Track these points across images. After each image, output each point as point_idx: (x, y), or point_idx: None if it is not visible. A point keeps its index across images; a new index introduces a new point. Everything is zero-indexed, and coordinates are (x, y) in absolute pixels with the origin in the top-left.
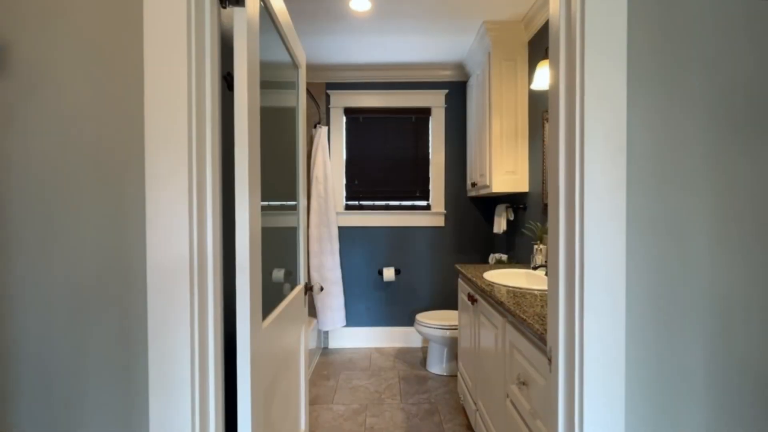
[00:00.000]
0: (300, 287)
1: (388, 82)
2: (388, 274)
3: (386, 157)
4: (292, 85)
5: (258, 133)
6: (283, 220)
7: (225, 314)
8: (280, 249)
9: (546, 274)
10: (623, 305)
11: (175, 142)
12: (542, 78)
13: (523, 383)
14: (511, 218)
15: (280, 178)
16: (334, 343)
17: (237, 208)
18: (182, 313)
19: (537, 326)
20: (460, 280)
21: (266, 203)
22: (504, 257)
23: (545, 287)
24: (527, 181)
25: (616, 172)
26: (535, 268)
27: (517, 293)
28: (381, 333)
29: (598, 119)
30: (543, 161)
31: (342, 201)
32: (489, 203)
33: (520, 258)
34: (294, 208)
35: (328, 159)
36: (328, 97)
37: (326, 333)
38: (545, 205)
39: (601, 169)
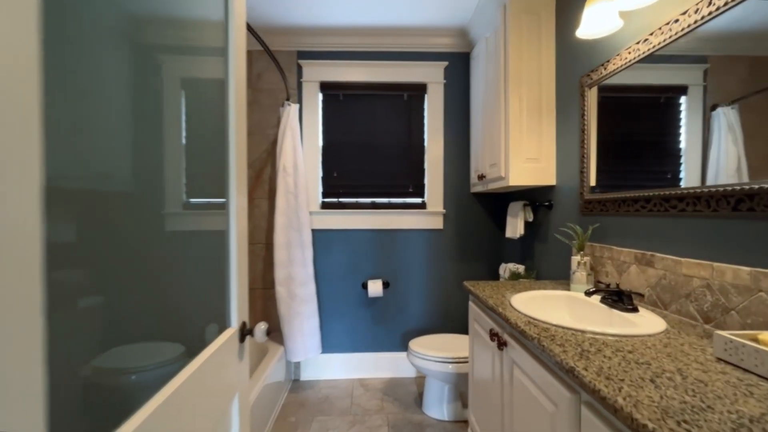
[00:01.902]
0: (230, 332)
1: (374, 51)
2: (375, 287)
3: (372, 143)
4: (219, 51)
5: None
6: (203, 225)
7: None
8: (185, 273)
9: (608, 303)
10: None
11: None
12: (596, 19)
13: None
14: (530, 219)
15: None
16: (307, 374)
17: None
18: None
19: None
20: (472, 304)
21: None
22: (521, 269)
23: (626, 330)
24: (554, 170)
25: None
26: (589, 294)
27: (582, 344)
28: (366, 360)
29: None
30: (582, 144)
31: (317, 198)
32: (499, 201)
33: (542, 270)
34: (221, 207)
35: (300, 145)
36: (300, 68)
37: (297, 362)
38: (586, 202)
39: None
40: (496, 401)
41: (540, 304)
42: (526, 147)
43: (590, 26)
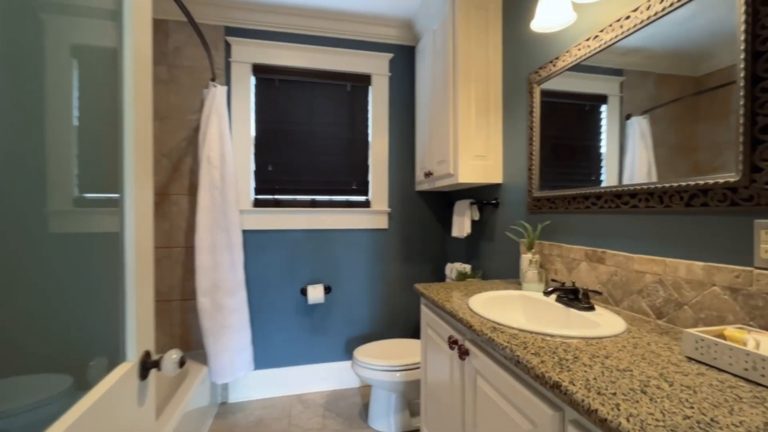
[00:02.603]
0: (126, 368)
1: (315, 35)
2: (315, 293)
3: (313, 136)
4: (111, 15)
5: None
6: (98, 226)
7: None
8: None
9: (564, 302)
10: None
11: None
12: (551, 11)
13: None
14: (476, 218)
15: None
16: (237, 395)
17: None
18: None
19: None
20: (425, 308)
21: None
22: (467, 268)
23: (593, 332)
24: (501, 168)
25: None
26: (547, 294)
27: (557, 351)
28: (305, 374)
29: None
30: (530, 141)
31: (249, 194)
32: (443, 199)
33: (488, 269)
34: (115, 204)
35: (228, 133)
36: (228, 47)
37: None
38: (535, 200)
39: None
40: (455, 414)
41: (498, 306)
42: (474, 144)
43: (545, 18)
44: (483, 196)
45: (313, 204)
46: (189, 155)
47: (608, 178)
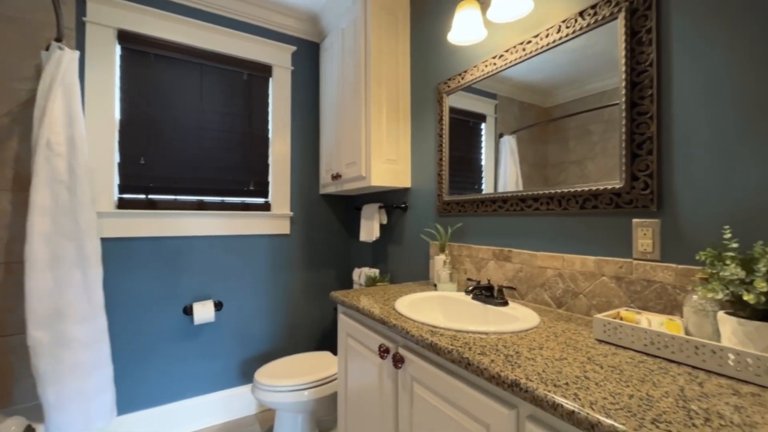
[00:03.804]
0: None
1: (206, 11)
2: (203, 311)
3: (201, 126)
4: None
5: None
6: None
7: None
8: None
9: (481, 299)
10: None
11: None
12: (466, 25)
13: None
14: (384, 222)
15: None
16: None
17: None
18: None
19: None
20: (344, 317)
21: None
22: (375, 272)
23: (519, 326)
24: (409, 173)
25: None
26: (469, 293)
27: (498, 348)
28: (191, 408)
29: None
30: (440, 148)
31: (112, 193)
32: (348, 203)
33: (396, 272)
34: None
35: (81, 112)
36: (82, 2)
37: None
38: (445, 204)
39: None
40: (387, 426)
41: (424, 309)
42: (386, 148)
43: (460, 32)
44: (391, 200)
45: (201, 206)
46: (14, 137)
47: (486, 186)
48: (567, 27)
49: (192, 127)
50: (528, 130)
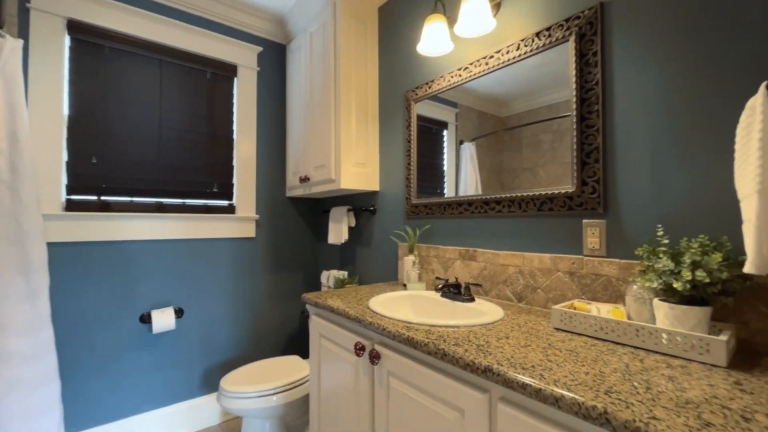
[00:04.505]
0: None
1: (167, 5)
2: (163, 319)
3: (160, 124)
4: None
5: None
6: None
7: None
8: None
9: (449, 297)
10: None
11: None
12: (434, 38)
13: None
14: (353, 224)
15: None
16: None
17: None
18: None
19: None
20: (317, 318)
21: None
22: (344, 275)
23: (485, 319)
24: (378, 176)
25: None
26: (438, 290)
27: (470, 338)
28: (150, 423)
29: None
30: (408, 152)
31: (59, 193)
32: (315, 206)
33: (364, 274)
34: None
35: (24, 105)
36: None
37: None
38: (413, 207)
39: None
40: (362, 421)
41: (396, 307)
42: (355, 151)
43: (428, 43)
44: (360, 203)
45: (161, 208)
46: None
47: (448, 191)
48: (525, 45)
49: (151, 126)
50: (486, 138)
